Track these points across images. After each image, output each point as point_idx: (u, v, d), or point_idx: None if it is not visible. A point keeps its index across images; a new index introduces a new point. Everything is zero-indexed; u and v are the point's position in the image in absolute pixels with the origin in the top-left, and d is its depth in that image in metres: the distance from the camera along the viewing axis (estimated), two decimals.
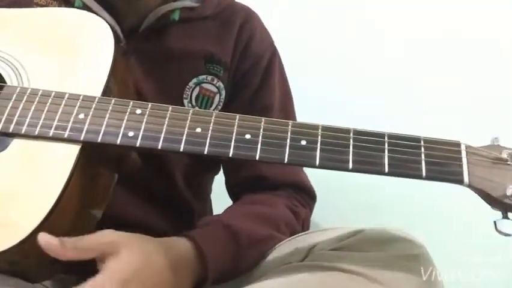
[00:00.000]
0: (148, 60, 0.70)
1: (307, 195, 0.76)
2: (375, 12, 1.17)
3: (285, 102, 0.78)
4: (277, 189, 0.73)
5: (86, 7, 0.67)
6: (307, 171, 0.78)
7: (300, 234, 0.66)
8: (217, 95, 0.73)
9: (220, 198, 0.83)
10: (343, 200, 1.12)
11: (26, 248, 0.49)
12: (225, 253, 0.58)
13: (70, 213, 0.53)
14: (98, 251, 0.51)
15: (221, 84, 0.73)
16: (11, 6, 0.66)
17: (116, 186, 0.60)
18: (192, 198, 0.76)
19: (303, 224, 0.72)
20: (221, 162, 0.80)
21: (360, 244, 0.56)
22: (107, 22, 0.61)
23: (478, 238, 1.03)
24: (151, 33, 0.70)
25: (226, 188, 0.79)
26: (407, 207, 1.10)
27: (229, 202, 0.77)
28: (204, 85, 0.72)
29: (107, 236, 0.52)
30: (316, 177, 0.79)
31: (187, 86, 0.71)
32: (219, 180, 0.83)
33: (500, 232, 0.49)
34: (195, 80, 0.72)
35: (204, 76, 0.72)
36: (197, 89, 0.72)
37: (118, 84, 0.60)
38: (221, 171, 0.82)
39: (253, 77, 0.75)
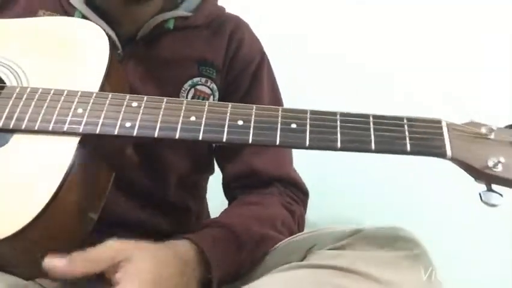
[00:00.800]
0: (144, 65, 0.73)
1: (299, 191, 0.77)
2: (363, 10, 1.23)
3: (274, 105, 0.81)
4: (269, 185, 0.75)
5: (84, 18, 0.71)
6: (305, 171, 0.80)
7: (299, 234, 0.67)
8: (211, 97, 0.76)
9: (217, 198, 0.84)
10: (341, 200, 1.13)
11: (19, 243, 0.49)
12: (227, 256, 0.59)
13: (67, 212, 0.54)
14: (110, 260, 0.50)
15: (214, 86, 0.76)
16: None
17: (113, 189, 0.62)
18: (187, 198, 0.77)
19: (298, 222, 0.73)
20: (215, 158, 0.81)
21: (359, 243, 0.57)
22: (104, 31, 0.64)
23: (477, 238, 1.04)
24: (147, 41, 0.73)
25: (223, 187, 0.81)
26: (406, 206, 1.11)
27: (225, 200, 0.78)
28: (199, 87, 0.75)
29: (115, 244, 0.52)
30: (314, 176, 0.81)
31: (183, 88, 0.74)
32: (218, 180, 0.84)
33: (486, 203, 0.51)
34: (189, 82, 0.74)
35: (198, 78, 0.75)
36: (192, 91, 0.75)
37: (113, 89, 0.62)
38: (218, 172, 0.83)
39: (242, 81, 0.79)
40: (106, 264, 0.50)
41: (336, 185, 1.09)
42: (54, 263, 0.48)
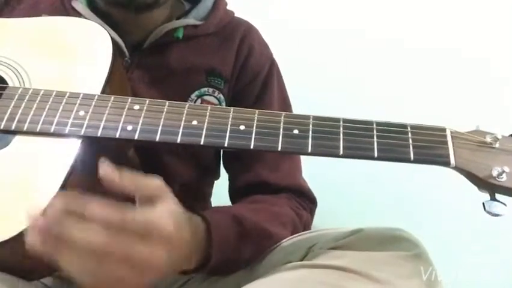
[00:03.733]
0: (151, 74, 0.72)
1: (307, 199, 0.77)
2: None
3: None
4: (278, 193, 0.74)
5: None
6: (307, 173, 0.79)
7: (299, 234, 0.66)
8: None
9: (220, 200, 0.84)
10: (341, 201, 1.13)
11: (20, 245, 0.48)
12: (230, 240, 0.59)
13: None
14: (151, 190, 0.50)
15: (221, 96, 0.75)
16: None
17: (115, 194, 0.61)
18: (191, 201, 0.76)
19: (304, 226, 0.72)
20: (224, 166, 0.81)
21: (359, 243, 0.56)
22: (112, 38, 0.63)
23: (477, 238, 1.04)
24: (155, 49, 0.72)
25: (229, 196, 0.80)
26: (406, 207, 1.11)
27: (229, 203, 0.78)
28: (206, 97, 0.74)
29: (158, 180, 0.51)
30: (315, 178, 0.80)
31: (189, 99, 0.73)
32: (219, 182, 0.84)
33: (489, 213, 0.51)
34: (196, 93, 0.74)
35: (206, 89, 0.74)
36: (199, 102, 0.74)
37: (115, 91, 0.62)
38: (222, 176, 0.83)
39: (252, 90, 0.78)
40: (146, 192, 0.49)
41: (337, 186, 1.09)
42: (111, 173, 0.48)
